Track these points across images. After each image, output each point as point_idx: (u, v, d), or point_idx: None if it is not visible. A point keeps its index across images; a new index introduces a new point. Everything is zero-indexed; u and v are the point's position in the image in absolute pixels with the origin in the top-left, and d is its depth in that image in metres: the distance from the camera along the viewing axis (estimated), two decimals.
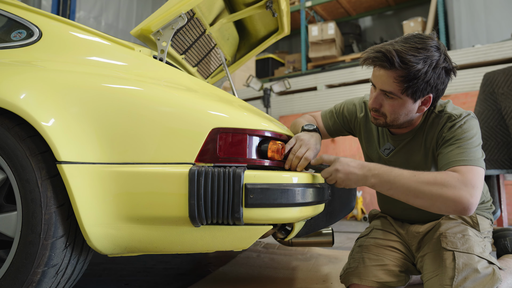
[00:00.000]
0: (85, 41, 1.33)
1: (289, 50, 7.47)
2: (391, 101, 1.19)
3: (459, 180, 1.06)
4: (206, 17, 1.93)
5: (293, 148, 1.19)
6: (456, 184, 1.05)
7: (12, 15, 1.35)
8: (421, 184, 1.07)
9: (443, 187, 1.05)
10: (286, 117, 5.33)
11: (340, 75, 5.08)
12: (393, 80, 1.14)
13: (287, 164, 1.18)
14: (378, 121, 1.26)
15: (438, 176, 1.08)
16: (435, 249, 1.22)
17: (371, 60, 1.17)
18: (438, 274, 1.15)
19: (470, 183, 1.06)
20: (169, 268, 1.89)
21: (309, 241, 1.57)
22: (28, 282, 1.02)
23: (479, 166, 1.11)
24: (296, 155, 1.17)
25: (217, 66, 2.45)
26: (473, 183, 1.06)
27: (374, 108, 1.23)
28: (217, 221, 1.05)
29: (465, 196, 1.04)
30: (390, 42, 1.18)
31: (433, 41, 1.15)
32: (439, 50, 1.14)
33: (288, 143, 1.21)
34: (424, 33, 1.18)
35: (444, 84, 1.18)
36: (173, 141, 1.06)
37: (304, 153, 1.18)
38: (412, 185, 1.07)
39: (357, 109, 1.46)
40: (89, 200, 1.03)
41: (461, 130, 1.18)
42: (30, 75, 1.11)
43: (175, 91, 1.16)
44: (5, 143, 1.05)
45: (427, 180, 1.07)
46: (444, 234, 1.23)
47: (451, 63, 1.17)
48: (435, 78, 1.14)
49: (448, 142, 1.18)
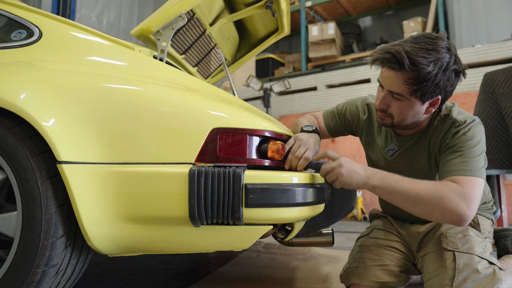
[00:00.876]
0: (85, 41, 1.33)
1: (289, 50, 7.47)
2: (399, 103, 1.17)
3: (457, 192, 1.06)
4: (206, 17, 1.93)
5: (292, 148, 1.19)
6: (454, 196, 1.06)
7: (12, 15, 1.35)
8: (420, 192, 1.07)
9: (441, 198, 1.06)
10: (286, 117, 5.33)
11: (340, 75, 5.08)
12: (402, 82, 1.12)
13: (287, 164, 1.18)
14: (385, 121, 1.25)
15: (437, 186, 1.08)
16: (436, 249, 1.22)
17: (380, 61, 1.15)
18: (438, 274, 1.15)
19: (468, 196, 1.06)
20: (169, 268, 1.89)
21: (309, 241, 1.57)
22: (28, 282, 1.02)
23: (479, 177, 1.10)
24: (296, 155, 1.17)
25: (217, 66, 2.45)
26: (471, 195, 1.07)
27: (381, 109, 1.22)
28: (217, 221, 1.05)
29: (463, 209, 1.05)
30: (399, 42, 1.15)
31: (443, 42, 1.12)
32: (449, 51, 1.12)
33: (287, 143, 1.20)
34: (433, 33, 1.15)
35: (453, 86, 1.16)
36: (173, 141, 1.06)
37: (303, 152, 1.17)
38: (413, 191, 1.08)
39: (360, 111, 1.46)
40: (89, 200, 1.03)
41: (464, 138, 1.16)
42: (30, 75, 1.11)
43: (175, 91, 1.16)
44: (5, 143, 1.05)
45: (427, 188, 1.07)
46: (445, 234, 1.23)
47: (461, 64, 1.15)
48: (445, 80, 1.12)
49: (450, 149, 1.18)
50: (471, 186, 1.08)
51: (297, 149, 1.18)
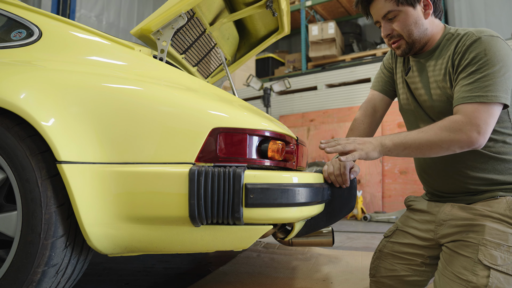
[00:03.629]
0: (85, 41, 1.33)
1: (289, 50, 7.47)
2: (396, 19, 1.20)
3: (463, 123, 1.06)
4: (206, 16, 1.93)
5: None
6: (461, 127, 1.06)
7: (12, 14, 1.35)
8: (428, 138, 1.09)
9: (450, 133, 1.07)
10: (286, 117, 5.33)
11: (340, 75, 5.07)
12: (383, 1, 1.19)
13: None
14: (400, 47, 1.25)
15: (443, 124, 1.09)
16: (469, 255, 1.09)
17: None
18: (461, 284, 1.06)
19: (476, 123, 1.05)
20: (169, 268, 1.89)
21: (309, 241, 1.57)
22: (28, 282, 1.02)
23: (492, 102, 1.06)
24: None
25: (217, 65, 2.45)
26: (478, 122, 1.05)
27: (388, 35, 1.24)
28: (217, 221, 1.05)
29: (473, 136, 1.05)
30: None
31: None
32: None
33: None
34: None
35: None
36: (173, 141, 1.06)
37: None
38: (422, 139, 1.09)
39: (391, 53, 1.47)
40: (89, 200, 1.03)
41: (479, 52, 1.10)
42: (30, 74, 1.11)
43: (175, 90, 1.16)
44: (5, 142, 1.05)
45: (434, 132, 1.09)
46: (485, 242, 1.08)
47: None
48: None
49: (465, 69, 1.13)
50: (478, 114, 1.06)
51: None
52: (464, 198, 1.22)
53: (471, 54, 1.12)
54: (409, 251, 1.29)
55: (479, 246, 1.08)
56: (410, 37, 1.22)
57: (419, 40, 1.23)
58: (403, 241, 1.32)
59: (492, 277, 1.03)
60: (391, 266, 1.31)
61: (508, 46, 1.12)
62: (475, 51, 1.11)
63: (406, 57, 1.37)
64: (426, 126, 1.14)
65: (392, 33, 1.23)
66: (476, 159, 1.18)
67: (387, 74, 1.48)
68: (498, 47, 1.09)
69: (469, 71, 1.11)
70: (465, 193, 1.22)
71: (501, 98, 1.07)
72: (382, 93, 1.49)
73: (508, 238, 1.07)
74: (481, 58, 1.09)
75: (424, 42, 1.24)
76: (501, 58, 1.08)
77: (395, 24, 1.21)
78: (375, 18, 1.25)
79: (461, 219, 1.17)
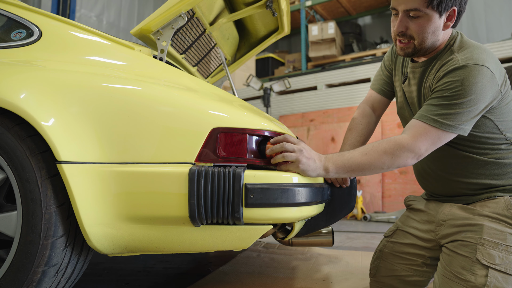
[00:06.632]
0: (85, 41, 1.33)
1: (289, 50, 7.47)
2: (417, 20, 1.12)
3: (405, 149, 1.10)
4: (206, 16, 1.93)
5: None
6: (401, 153, 1.10)
7: (12, 14, 1.35)
8: (371, 161, 1.12)
9: (392, 158, 1.11)
10: (286, 117, 5.33)
11: (340, 75, 5.07)
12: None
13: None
14: (407, 48, 1.19)
15: (387, 147, 1.11)
16: (467, 255, 1.09)
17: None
18: (460, 283, 1.06)
19: (417, 150, 1.10)
20: (169, 267, 1.89)
21: (309, 241, 1.57)
22: (28, 282, 1.02)
23: (445, 131, 1.08)
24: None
25: (217, 65, 2.45)
26: (420, 149, 1.10)
27: (400, 32, 1.16)
28: (217, 221, 1.05)
29: (410, 162, 1.12)
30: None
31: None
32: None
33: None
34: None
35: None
36: (173, 140, 1.06)
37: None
38: (365, 163, 1.12)
39: (392, 52, 1.44)
40: (89, 199, 1.03)
41: (453, 82, 1.08)
42: (30, 74, 1.11)
43: (175, 90, 1.16)
44: (5, 142, 1.05)
45: (377, 155, 1.12)
46: (483, 241, 1.08)
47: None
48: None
49: (437, 92, 1.12)
50: (424, 138, 1.09)
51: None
52: (463, 198, 1.23)
53: (449, 79, 1.10)
54: (410, 251, 1.29)
55: (477, 246, 1.07)
56: (421, 44, 1.17)
57: (427, 49, 1.19)
58: (403, 241, 1.32)
59: (490, 276, 1.03)
60: (392, 266, 1.31)
61: (490, 76, 1.07)
62: (453, 78, 1.09)
63: (405, 60, 1.34)
64: (371, 145, 1.14)
65: (405, 32, 1.16)
66: (474, 165, 1.18)
67: (387, 74, 1.47)
68: (477, 79, 1.06)
69: (440, 95, 1.11)
70: (463, 195, 1.23)
71: (455, 129, 1.08)
72: (380, 94, 1.48)
73: (506, 238, 1.07)
74: (456, 86, 1.08)
75: (429, 51, 1.21)
76: (476, 90, 1.06)
77: (413, 25, 1.14)
78: (396, 5, 1.15)
79: (460, 219, 1.17)
